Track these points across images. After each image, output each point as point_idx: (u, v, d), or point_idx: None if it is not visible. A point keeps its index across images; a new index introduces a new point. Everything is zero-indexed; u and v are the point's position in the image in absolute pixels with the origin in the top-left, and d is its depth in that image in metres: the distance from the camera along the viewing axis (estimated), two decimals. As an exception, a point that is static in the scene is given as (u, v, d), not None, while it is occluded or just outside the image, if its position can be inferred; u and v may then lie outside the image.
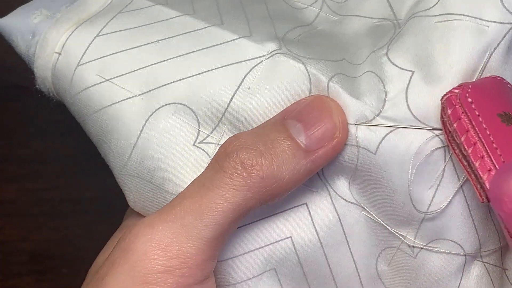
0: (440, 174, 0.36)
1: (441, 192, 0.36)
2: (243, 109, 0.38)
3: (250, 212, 0.35)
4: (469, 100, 0.34)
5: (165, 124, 0.39)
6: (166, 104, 0.39)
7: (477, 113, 0.34)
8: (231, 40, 0.40)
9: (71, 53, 0.41)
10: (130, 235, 0.35)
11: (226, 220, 0.34)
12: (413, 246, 0.38)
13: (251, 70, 0.39)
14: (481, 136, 0.33)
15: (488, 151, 0.33)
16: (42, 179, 0.56)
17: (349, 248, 0.38)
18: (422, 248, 0.38)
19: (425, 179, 0.36)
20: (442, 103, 0.35)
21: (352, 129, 0.37)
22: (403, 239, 0.38)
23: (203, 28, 0.41)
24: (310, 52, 0.39)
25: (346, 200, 0.38)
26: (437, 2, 0.37)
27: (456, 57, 0.35)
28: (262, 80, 0.38)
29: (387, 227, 0.38)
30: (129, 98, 0.40)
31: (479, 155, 0.33)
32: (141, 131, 0.39)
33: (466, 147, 0.33)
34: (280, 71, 0.38)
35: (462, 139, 0.34)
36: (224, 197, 0.34)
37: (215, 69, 0.39)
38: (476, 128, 0.33)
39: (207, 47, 0.40)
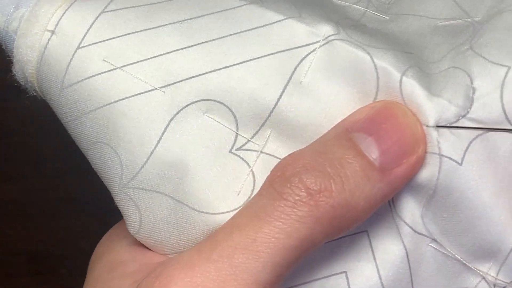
0: None
1: None
2: (294, 109, 0.31)
3: (315, 249, 0.29)
4: None
5: (195, 125, 0.32)
6: (197, 101, 0.32)
7: None
8: (276, 22, 0.32)
9: (69, 32, 0.33)
10: (161, 278, 0.28)
11: (288, 259, 0.28)
12: (494, 284, 0.32)
13: (302, 59, 0.31)
14: None
15: None
16: (42, 179, 0.56)
17: None
18: (505, 287, 0.32)
19: None
20: None
21: (432, 133, 0.30)
22: (483, 275, 0.31)
23: (240, 6, 0.33)
24: (374, 40, 0.32)
25: (415, 231, 0.31)
26: None
27: None
28: (317, 73, 0.31)
29: (464, 262, 0.31)
30: (147, 91, 0.32)
31: None
32: (163, 133, 0.32)
33: None
34: (339, 62, 0.31)
35: None
36: (285, 231, 0.28)
37: (257, 58, 0.32)
38: None
39: (246, 30, 0.32)
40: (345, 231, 0.30)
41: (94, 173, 0.38)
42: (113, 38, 0.33)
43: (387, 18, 0.35)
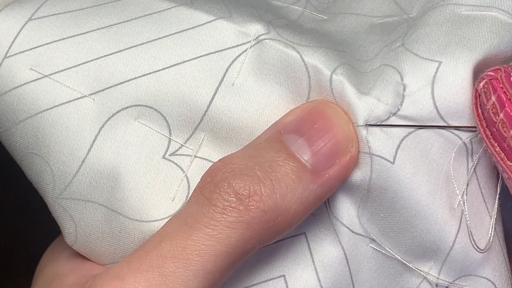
0: (465, 189, 0.30)
1: (469, 211, 0.30)
2: (227, 112, 0.31)
3: (249, 255, 0.29)
4: None
5: (126, 132, 0.31)
6: (127, 107, 0.31)
7: None
8: (206, 23, 0.31)
9: None
10: None
11: (219, 267, 0.27)
12: (436, 284, 0.31)
13: (234, 60, 0.31)
14: None
15: None
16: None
17: None
18: (447, 287, 0.31)
19: (450, 196, 0.30)
20: (479, 90, 0.28)
21: (361, 132, 0.29)
22: (424, 275, 0.31)
23: (169, 8, 0.32)
24: (305, 38, 0.31)
25: (353, 232, 0.31)
26: None
27: (488, 46, 0.29)
28: (249, 74, 0.31)
29: (404, 262, 0.31)
30: (77, 99, 0.31)
31: None
32: (94, 141, 0.31)
33: None
34: (270, 62, 0.31)
35: None
36: (215, 237, 0.27)
37: (188, 61, 0.31)
38: None
39: (176, 32, 0.31)
40: (279, 236, 0.29)
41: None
42: (41, 45, 0.32)
43: (325, 18, 0.35)
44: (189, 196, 0.31)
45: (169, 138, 0.31)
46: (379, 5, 0.34)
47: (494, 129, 0.28)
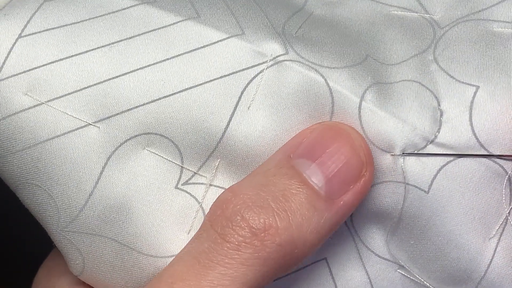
0: (504, 219, 0.29)
1: (505, 242, 0.29)
2: (244, 138, 0.29)
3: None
4: None
5: (135, 162, 0.29)
6: (135, 136, 0.29)
7: None
8: (217, 41, 0.29)
9: None
10: None
11: None
12: None
13: (249, 83, 0.29)
14: None
15: None
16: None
17: None
18: None
19: (486, 226, 0.29)
20: None
21: (398, 161, 0.28)
22: None
23: (174, 23, 0.29)
24: (326, 53, 0.29)
25: (379, 256, 0.30)
26: (494, 5, 0.30)
27: None
28: (266, 97, 0.29)
29: None
30: (80, 128, 0.29)
31: None
32: (101, 172, 0.29)
33: None
34: (289, 85, 0.29)
35: None
36: (230, 276, 0.26)
37: (200, 85, 0.29)
38: None
39: (185, 52, 0.29)
40: (294, 268, 0.28)
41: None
42: (35, 68, 0.29)
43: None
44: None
45: (181, 166, 0.29)
46: None
47: None
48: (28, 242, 0.50)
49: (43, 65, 0.29)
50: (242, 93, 0.29)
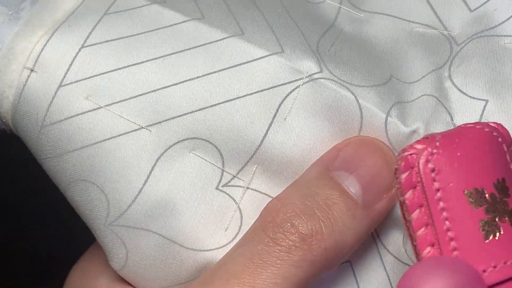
0: None
1: None
2: (279, 146, 0.32)
3: None
4: (430, 166, 0.27)
5: (182, 163, 0.32)
6: (183, 140, 0.32)
7: (436, 187, 0.27)
8: (259, 58, 0.32)
9: (50, 69, 0.32)
10: None
11: None
12: None
13: (286, 97, 0.32)
14: (434, 220, 0.27)
15: (439, 241, 0.27)
16: (42, 179, 0.56)
17: None
18: None
19: None
20: (397, 163, 0.28)
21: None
22: None
23: (221, 39, 0.33)
24: (356, 72, 0.32)
25: (399, 260, 0.32)
26: (506, 20, 0.32)
27: None
28: (301, 110, 0.32)
29: None
30: (134, 130, 0.32)
31: (427, 242, 0.27)
32: (151, 172, 0.32)
33: (414, 229, 0.27)
34: (323, 100, 0.32)
35: (413, 216, 0.27)
36: (282, 276, 0.29)
37: (242, 96, 0.32)
38: (430, 207, 0.27)
39: (231, 67, 0.32)
40: (332, 268, 0.31)
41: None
42: (95, 75, 0.32)
43: (362, 16, 0.35)
44: (242, 226, 0.32)
45: (222, 169, 0.33)
46: (415, 7, 0.34)
47: None
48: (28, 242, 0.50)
49: (103, 73, 0.32)
50: (279, 105, 0.32)
